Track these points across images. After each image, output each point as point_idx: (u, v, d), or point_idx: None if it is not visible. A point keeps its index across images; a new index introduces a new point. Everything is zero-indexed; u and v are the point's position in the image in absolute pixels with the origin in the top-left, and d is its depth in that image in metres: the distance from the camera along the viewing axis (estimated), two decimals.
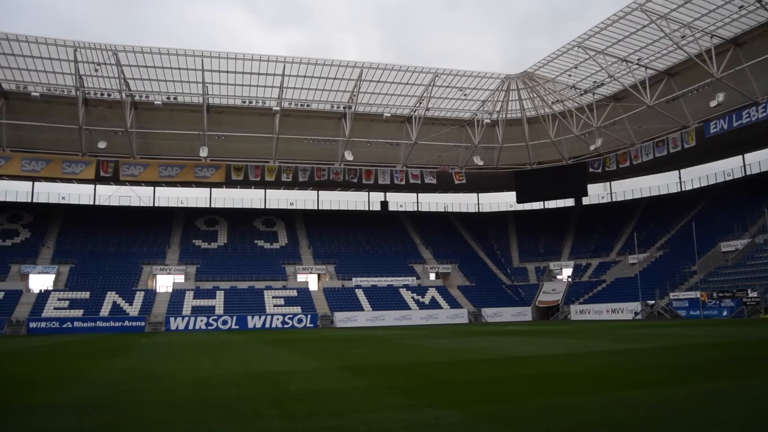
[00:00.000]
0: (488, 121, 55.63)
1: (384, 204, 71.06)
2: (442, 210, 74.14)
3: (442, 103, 54.89)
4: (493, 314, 54.11)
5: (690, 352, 15.15)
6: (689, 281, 47.55)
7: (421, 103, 53.83)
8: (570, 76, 50.76)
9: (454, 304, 55.05)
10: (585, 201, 68.15)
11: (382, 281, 57.32)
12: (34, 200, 61.45)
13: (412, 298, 54.94)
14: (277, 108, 50.82)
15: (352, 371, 12.34)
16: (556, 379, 10.38)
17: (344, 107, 53.77)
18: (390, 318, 51.17)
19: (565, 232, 68.23)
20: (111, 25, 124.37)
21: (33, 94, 46.69)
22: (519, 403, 7.93)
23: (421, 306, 53.90)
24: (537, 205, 70.31)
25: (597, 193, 69.28)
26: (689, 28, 42.00)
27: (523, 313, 55.32)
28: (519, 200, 63.21)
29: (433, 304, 54.41)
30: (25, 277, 52.21)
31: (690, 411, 7.05)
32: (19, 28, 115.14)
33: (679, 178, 64.04)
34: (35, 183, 60.15)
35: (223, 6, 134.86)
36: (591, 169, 56.74)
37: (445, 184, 60.39)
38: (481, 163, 55.80)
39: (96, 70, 46.16)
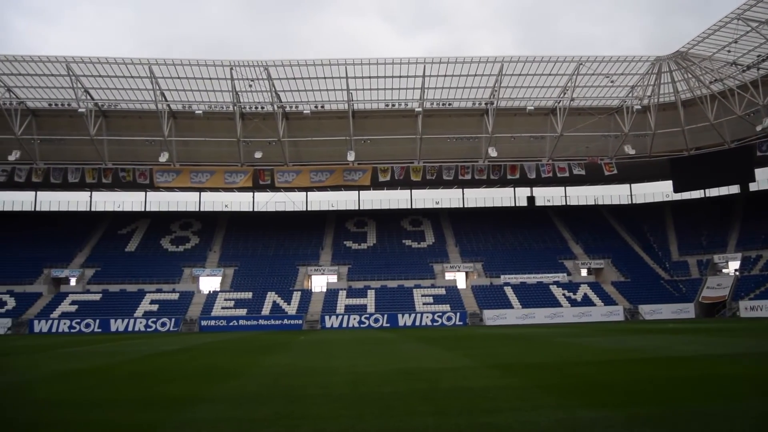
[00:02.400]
0: (638, 107, 52.58)
1: (531, 199, 69.59)
2: (592, 203, 71.21)
3: (588, 92, 52.68)
4: (650, 311, 51.13)
5: None
6: None
7: (565, 94, 52.04)
8: (729, 52, 46.57)
9: (608, 300, 52.70)
10: (752, 187, 62.38)
11: (531, 278, 56.10)
12: (202, 209, 67.48)
13: (563, 295, 53.30)
14: (419, 109, 51.37)
15: (504, 369, 12.29)
16: (725, 381, 9.71)
17: (486, 103, 53.25)
18: (540, 316, 50.01)
19: (731, 221, 62.86)
20: (260, 43, 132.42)
21: (197, 112, 50.85)
22: (684, 406, 7.52)
23: (573, 303, 52.14)
24: (696, 194, 65.37)
25: (766, 178, 63.22)
26: None
27: (684, 310, 51.74)
28: (676, 189, 59.01)
29: (586, 301, 52.43)
30: (195, 280, 57.26)
31: None
32: (184, 53, 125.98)
33: None
34: (201, 193, 65.89)
35: (362, 16, 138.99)
36: (759, 152, 51.67)
37: (594, 176, 57.86)
38: (632, 152, 52.92)
39: (250, 86, 49.34)
